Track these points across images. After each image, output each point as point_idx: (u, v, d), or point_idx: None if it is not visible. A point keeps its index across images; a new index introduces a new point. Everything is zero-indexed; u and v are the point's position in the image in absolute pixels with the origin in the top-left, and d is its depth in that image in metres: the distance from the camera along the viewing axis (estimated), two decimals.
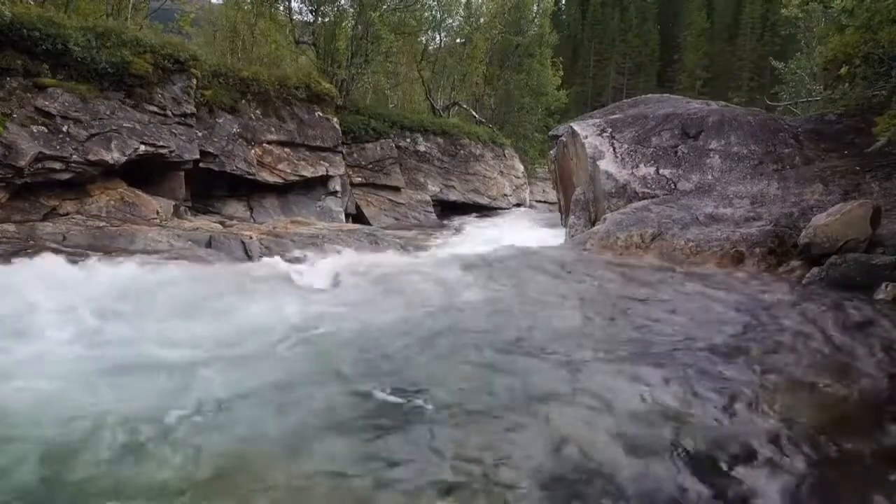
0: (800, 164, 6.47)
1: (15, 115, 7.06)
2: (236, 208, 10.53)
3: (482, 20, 21.75)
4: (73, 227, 6.80)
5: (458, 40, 22.14)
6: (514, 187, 17.49)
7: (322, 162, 11.48)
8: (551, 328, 3.43)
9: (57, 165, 7.16)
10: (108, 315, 3.52)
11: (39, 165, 7.00)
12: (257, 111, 10.76)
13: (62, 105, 7.49)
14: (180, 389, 2.58)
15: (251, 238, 7.21)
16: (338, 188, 11.99)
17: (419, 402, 2.47)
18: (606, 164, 6.83)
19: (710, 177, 6.51)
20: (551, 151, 9.06)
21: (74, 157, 7.28)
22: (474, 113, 20.59)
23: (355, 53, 14.44)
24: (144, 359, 2.93)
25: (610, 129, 7.37)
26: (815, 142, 6.76)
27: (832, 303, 3.66)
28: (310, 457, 2.08)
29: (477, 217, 14.26)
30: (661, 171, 6.68)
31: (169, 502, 1.85)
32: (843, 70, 6.06)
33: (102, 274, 4.59)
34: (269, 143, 10.69)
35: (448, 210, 15.27)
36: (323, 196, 11.73)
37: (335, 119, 12.09)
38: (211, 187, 10.14)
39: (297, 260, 6.00)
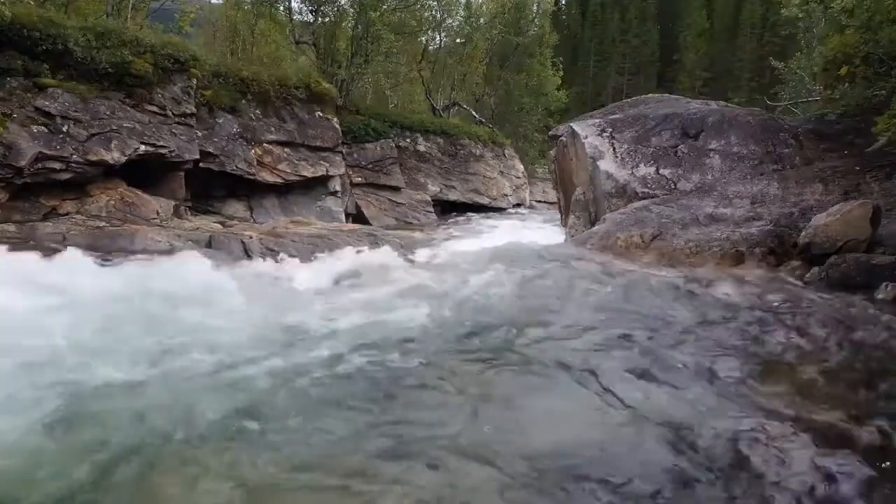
0: (800, 164, 6.46)
1: (15, 115, 7.06)
2: (236, 208, 10.53)
3: (482, 20, 21.76)
4: (73, 227, 6.80)
5: (458, 40, 22.15)
6: (514, 187, 17.50)
7: (322, 162, 11.48)
8: (549, 324, 3.44)
9: (57, 165, 7.16)
10: None
11: (39, 165, 7.00)
12: (257, 111, 10.76)
13: (62, 105, 7.49)
14: None
15: (251, 238, 7.21)
16: (338, 188, 12.00)
17: None
18: (606, 165, 6.82)
19: (710, 177, 6.50)
20: (551, 151, 9.04)
21: (74, 157, 7.29)
22: (474, 113, 20.60)
23: (355, 53, 14.45)
24: None
25: (610, 129, 7.35)
26: (815, 142, 6.75)
27: (832, 303, 3.66)
28: None
29: (477, 217, 14.24)
30: (661, 171, 6.68)
31: None
32: (843, 70, 6.04)
33: None
34: (269, 143, 10.70)
35: (448, 210, 15.27)
36: (323, 196, 11.74)
37: (335, 119, 12.09)
38: (211, 187, 10.14)
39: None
